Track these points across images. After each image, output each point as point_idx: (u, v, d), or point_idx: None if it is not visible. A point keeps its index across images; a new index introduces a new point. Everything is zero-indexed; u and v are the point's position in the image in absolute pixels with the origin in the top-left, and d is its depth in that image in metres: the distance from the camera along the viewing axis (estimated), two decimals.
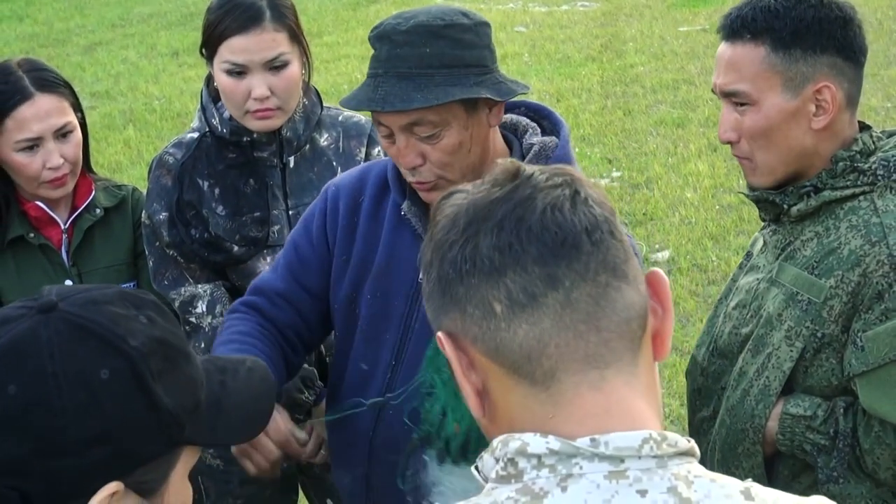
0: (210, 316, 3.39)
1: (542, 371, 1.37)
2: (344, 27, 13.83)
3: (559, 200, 1.39)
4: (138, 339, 1.54)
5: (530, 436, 1.36)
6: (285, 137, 3.38)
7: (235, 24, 3.24)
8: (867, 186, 2.58)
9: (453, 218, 1.43)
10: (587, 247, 1.37)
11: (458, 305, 1.41)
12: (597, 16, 13.94)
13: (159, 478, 1.58)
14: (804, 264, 2.61)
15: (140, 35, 14.51)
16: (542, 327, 1.36)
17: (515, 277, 1.36)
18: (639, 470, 1.34)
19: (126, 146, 10.02)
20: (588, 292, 1.37)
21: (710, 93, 10.14)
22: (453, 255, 1.40)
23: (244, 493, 3.57)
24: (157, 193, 3.40)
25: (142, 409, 1.53)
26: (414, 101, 2.54)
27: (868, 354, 2.51)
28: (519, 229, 1.37)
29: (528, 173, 1.42)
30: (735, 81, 2.60)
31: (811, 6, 2.57)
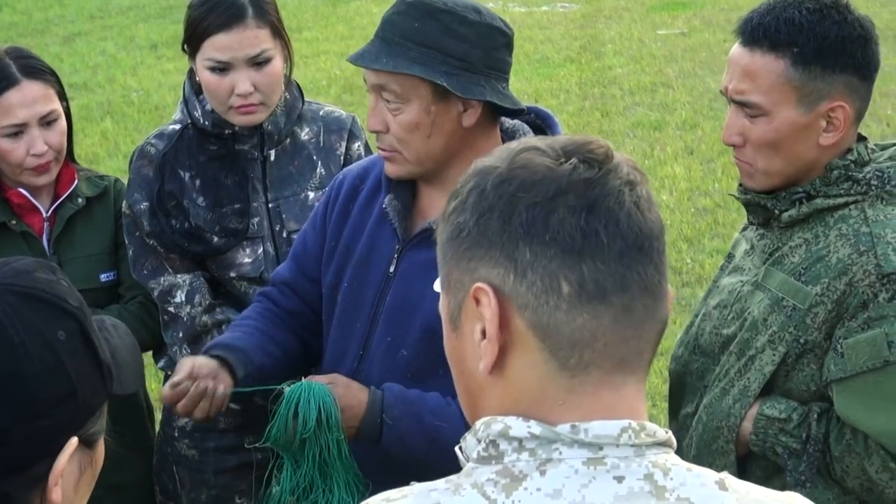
0: (189, 305, 3.41)
1: (578, 360, 1.39)
2: (323, 23, 13.83)
3: (641, 200, 1.40)
4: (73, 299, 1.61)
5: (513, 419, 1.39)
6: (266, 131, 3.40)
7: (218, 22, 3.26)
8: (860, 196, 2.58)
9: (539, 179, 1.39)
10: (654, 256, 1.40)
11: (516, 266, 1.38)
12: (576, 17, 13.98)
13: (100, 429, 1.64)
14: (791, 270, 2.61)
15: (119, 27, 14.46)
16: (601, 323, 1.38)
17: (593, 266, 1.37)
18: (616, 457, 1.37)
19: (103, 138, 10.01)
20: (645, 303, 1.40)
21: (687, 95, 10.24)
22: (530, 217, 1.38)
23: (218, 484, 3.58)
24: (138, 183, 3.42)
25: (91, 364, 1.59)
26: (377, 63, 2.66)
27: (847, 361, 2.52)
28: (608, 220, 1.37)
29: (616, 162, 1.41)
30: (749, 91, 2.57)
31: (835, 23, 2.54)
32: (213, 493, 3.59)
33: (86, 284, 3.48)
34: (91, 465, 1.65)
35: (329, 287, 2.94)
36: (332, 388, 2.72)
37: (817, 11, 2.54)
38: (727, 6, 13.52)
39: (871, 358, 2.50)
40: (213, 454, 3.57)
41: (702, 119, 9.74)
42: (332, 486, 2.75)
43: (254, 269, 3.42)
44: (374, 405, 2.73)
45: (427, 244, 2.75)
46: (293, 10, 14.28)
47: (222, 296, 3.49)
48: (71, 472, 1.60)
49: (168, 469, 3.62)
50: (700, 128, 9.54)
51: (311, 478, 2.74)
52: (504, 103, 2.71)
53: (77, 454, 1.59)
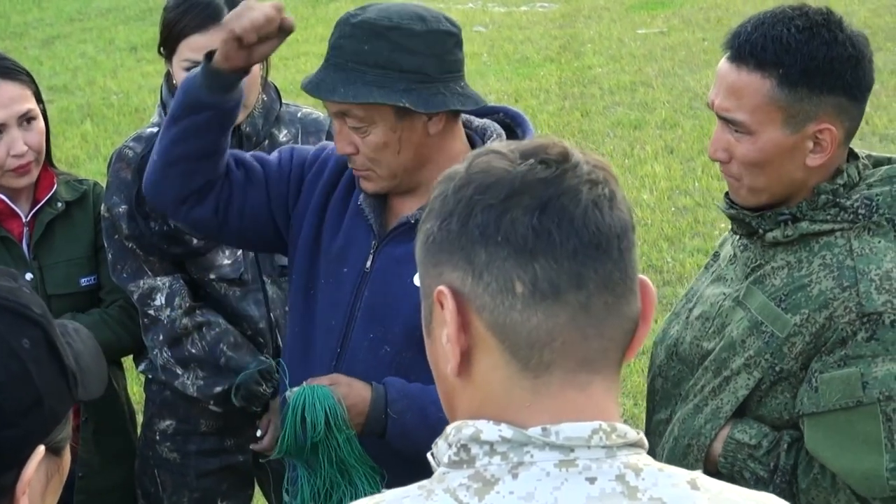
0: (169, 308, 3.41)
1: (539, 361, 1.39)
2: (303, 24, 13.81)
3: (601, 199, 1.40)
4: (37, 306, 1.59)
5: (483, 423, 1.39)
6: (244, 133, 3.41)
7: (194, 23, 3.27)
8: (846, 224, 2.52)
9: (494, 180, 1.40)
10: (615, 254, 1.39)
11: (473, 268, 1.40)
12: (556, 17, 13.98)
13: (66, 436, 1.62)
14: (772, 293, 2.56)
15: (98, 29, 14.42)
16: (556, 322, 1.38)
17: (546, 265, 1.37)
18: (588, 459, 1.37)
19: (83, 141, 9.98)
20: (605, 300, 1.39)
21: (667, 95, 10.26)
22: (485, 219, 1.39)
23: (200, 487, 3.59)
24: (116, 186, 3.42)
25: (56, 371, 1.58)
26: (335, 94, 2.65)
27: (820, 397, 2.49)
28: (562, 218, 1.37)
29: (574, 161, 1.42)
30: (734, 109, 2.50)
31: (824, 43, 2.45)
32: (196, 496, 3.60)
33: (66, 289, 3.49)
34: (58, 472, 1.63)
35: (304, 280, 2.91)
36: (336, 387, 2.71)
37: (806, 30, 2.46)
38: (706, 5, 13.55)
39: (845, 396, 2.47)
40: (194, 457, 3.57)
41: (682, 118, 9.76)
42: (352, 481, 2.75)
43: (233, 270, 3.43)
44: (378, 400, 2.73)
45: (404, 239, 2.76)
46: None
47: (202, 298, 3.49)
48: (38, 481, 1.58)
49: (150, 473, 3.62)
50: (680, 127, 9.56)
51: (330, 479, 2.74)
52: (467, 107, 2.72)
53: (44, 462, 1.57)
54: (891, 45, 11.15)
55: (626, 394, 5.84)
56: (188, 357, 3.43)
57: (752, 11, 9.55)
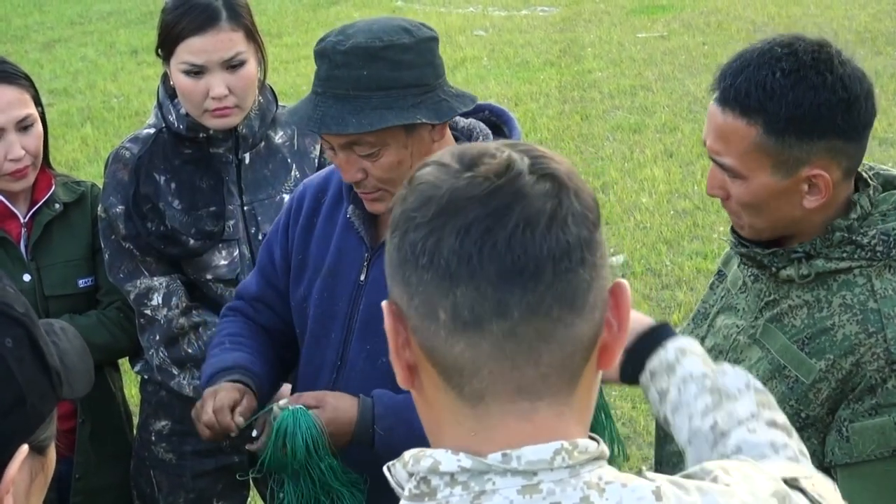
0: (165, 308, 3.42)
1: (471, 389, 1.33)
2: (304, 28, 13.82)
3: (536, 217, 1.30)
4: (20, 305, 1.58)
5: (441, 452, 1.35)
6: (241, 134, 3.42)
7: (193, 25, 3.27)
8: (864, 262, 2.42)
9: (428, 196, 1.34)
10: (548, 277, 1.30)
11: (407, 289, 1.34)
12: (556, 21, 13.99)
13: (50, 434, 1.62)
14: (793, 336, 2.47)
15: (99, 33, 14.44)
16: (480, 351, 1.31)
17: (467, 293, 1.29)
18: (552, 482, 1.32)
19: (84, 144, 9.99)
20: (536, 327, 1.31)
21: (666, 98, 10.28)
22: (414, 238, 1.33)
23: (196, 487, 3.60)
24: (113, 187, 3.43)
25: (39, 370, 1.57)
26: (348, 126, 2.58)
27: (853, 447, 2.40)
28: (484, 242, 1.29)
29: (515, 172, 1.33)
30: (722, 154, 2.40)
31: (811, 88, 2.32)
32: (191, 497, 3.60)
33: (64, 290, 3.49)
34: (42, 471, 1.63)
35: (299, 300, 2.93)
36: (320, 412, 2.69)
37: (793, 73, 2.34)
38: (707, 9, 13.56)
39: (880, 446, 2.38)
40: (190, 458, 3.58)
41: (681, 122, 9.77)
42: (335, 497, 2.75)
43: (230, 271, 3.44)
44: (365, 416, 2.72)
45: None
46: (273, 15, 14.28)
47: (198, 298, 3.50)
48: (22, 480, 1.57)
49: (146, 473, 3.63)
50: (679, 130, 9.57)
51: (314, 494, 2.74)
52: (468, 107, 2.71)
53: (28, 461, 1.57)
54: (890, 49, 11.14)
55: (623, 397, 5.84)
56: (184, 357, 3.45)
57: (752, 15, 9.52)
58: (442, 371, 1.34)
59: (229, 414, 2.77)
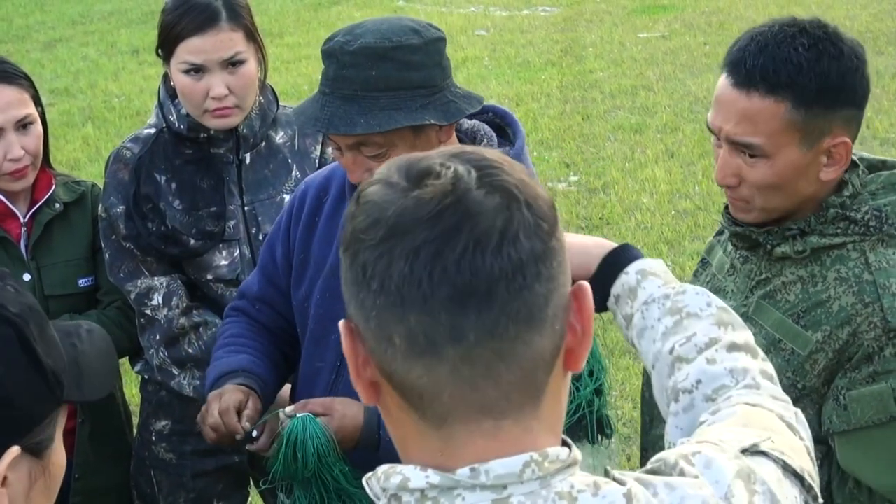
0: (166, 308, 3.42)
1: (433, 412, 1.31)
2: (305, 28, 13.82)
3: (485, 236, 1.26)
4: (15, 306, 1.58)
5: (410, 469, 1.33)
6: (242, 134, 3.42)
7: (192, 25, 3.27)
8: (857, 237, 2.49)
9: (375, 218, 1.30)
10: (502, 297, 1.27)
11: (362, 311, 1.31)
12: (557, 21, 13.99)
13: (49, 437, 1.62)
14: (788, 310, 2.53)
15: (100, 32, 14.44)
16: (437, 375, 1.28)
17: (420, 318, 1.26)
18: (522, 495, 1.30)
19: (85, 143, 9.99)
20: (493, 348, 1.28)
21: (668, 99, 10.27)
22: (365, 260, 1.29)
23: (196, 487, 3.60)
24: (114, 187, 3.43)
25: (30, 371, 1.57)
26: (357, 126, 2.56)
27: (851, 414, 2.45)
28: (434, 266, 1.25)
29: (463, 188, 1.29)
30: (749, 134, 2.43)
31: (833, 58, 2.41)
32: (192, 497, 3.60)
33: (64, 290, 3.49)
34: (44, 475, 1.63)
35: (301, 300, 2.92)
36: (328, 420, 2.69)
37: (813, 47, 2.41)
38: (708, 9, 13.56)
39: (877, 413, 2.43)
40: (190, 457, 3.58)
41: (682, 122, 9.76)
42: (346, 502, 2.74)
43: (230, 271, 3.44)
44: (371, 422, 2.72)
45: None
46: (275, 15, 14.28)
47: (199, 298, 3.50)
48: (19, 481, 1.58)
49: (146, 473, 3.63)
50: (681, 131, 9.56)
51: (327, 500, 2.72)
52: (475, 108, 2.69)
53: (25, 463, 1.57)
54: (892, 49, 11.13)
55: (625, 397, 5.84)
56: (185, 357, 3.45)
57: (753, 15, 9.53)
58: (402, 394, 1.32)
59: (235, 416, 2.76)
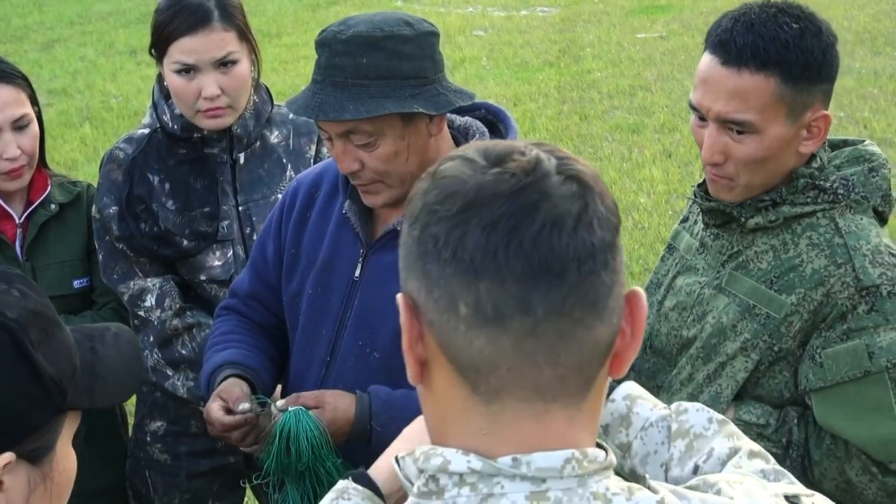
0: (159, 309, 3.42)
1: (487, 387, 1.33)
2: (303, 28, 13.83)
3: (562, 218, 1.30)
4: (14, 311, 1.57)
5: (452, 452, 1.35)
6: (235, 134, 3.41)
7: (184, 25, 3.27)
8: (826, 205, 2.59)
9: (453, 190, 1.33)
10: (573, 278, 1.29)
11: (426, 282, 1.33)
12: (555, 21, 14.00)
13: (47, 444, 1.61)
14: (761, 277, 2.61)
15: (98, 33, 14.45)
16: (500, 347, 1.30)
17: (491, 287, 1.29)
18: (560, 490, 1.32)
19: (82, 144, 9.99)
20: (557, 326, 1.30)
21: (665, 99, 10.27)
22: (437, 231, 1.32)
23: (192, 488, 3.60)
24: (107, 188, 3.43)
25: (26, 378, 1.56)
26: (346, 112, 2.59)
27: (826, 371, 2.53)
28: (510, 239, 1.29)
29: (542, 172, 1.32)
30: (741, 111, 2.51)
31: (814, 35, 2.52)
32: (187, 498, 3.60)
33: (59, 291, 3.48)
34: (45, 482, 1.62)
35: (291, 295, 2.93)
36: (320, 413, 2.69)
37: (797, 25, 2.52)
38: (706, 9, 13.56)
39: (852, 368, 2.51)
40: (185, 458, 3.58)
41: (680, 122, 9.76)
42: None
43: (224, 271, 3.43)
44: (363, 414, 2.73)
45: (391, 246, 2.76)
46: (273, 15, 14.28)
47: (192, 299, 3.50)
48: (17, 487, 1.58)
49: (141, 474, 3.63)
50: (678, 131, 9.57)
51: (320, 494, 2.72)
52: (465, 102, 2.72)
53: (23, 469, 1.57)
54: (890, 49, 11.14)
55: None
56: (178, 358, 3.45)
57: None
58: (458, 367, 1.34)
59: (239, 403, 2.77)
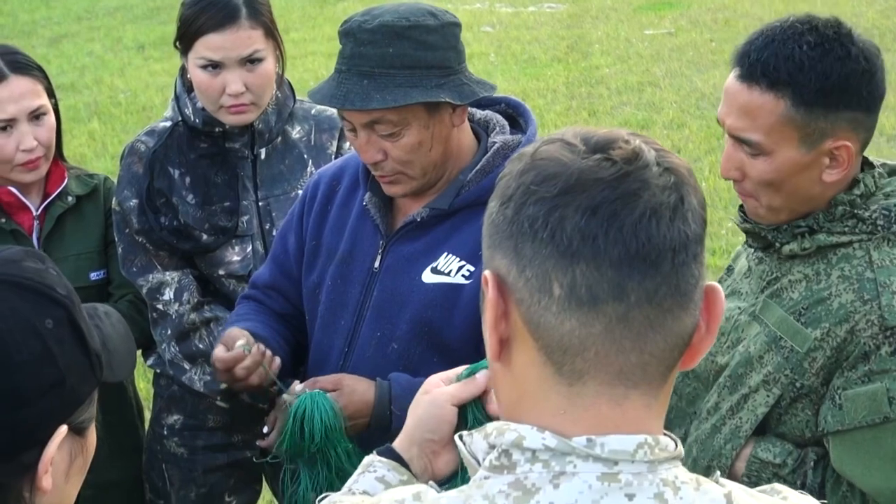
0: (177, 303, 3.42)
1: (571, 368, 1.35)
2: (311, 24, 13.84)
3: (661, 208, 1.33)
4: (62, 288, 1.61)
5: (527, 429, 1.36)
6: (257, 129, 3.41)
7: (212, 22, 3.27)
8: (864, 235, 2.47)
9: (553, 172, 1.35)
10: (666, 268, 1.33)
11: (518, 260, 1.35)
12: (563, 17, 13.99)
13: (89, 416, 1.64)
14: (791, 307, 2.52)
15: (106, 28, 14.45)
16: (591, 331, 1.33)
17: (587, 271, 1.31)
18: (630, 474, 1.34)
19: (91, 139, 10.01)
20: (647, 314, 1.33)
21: (674, 95, 10.27)
22: (535, 212, 1.34)
23: (208, 482, 3.60)
24: (127, 180, 3.43)
25: (79, 352, 1.60)
26: (373, 102, 2.60)
27: (845, 414, 2.44)
28: (610, 224, 1.31)
29: (643, 162, 1.35)
30: (748, 129, 2.43)
31: (838, 59, 2.37)
32: (203, 491, 3.60)
33: (75, 283, 3.42)
34: (82, 453, 1.66)
35: (311, 287, 2.95)
36: (337, 396, 2.71)
37: (818, 46, 2.39)
38: (714, 6, 13.56)
39: (871, 413, 2.42)
40: (202, 452, 3.58)
41: (689, 118, 9.76)
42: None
43: (242, 266, 3.43)
44: (383, 398, 2.74)
45: (410, 237, 2.79)
46: (280, 10, 14.24)
47: (211, 293, 3.50)
48: (61, 460, 1.61)
49: (157, 467, 3.63)
50: (687, 127, 9.56)
51: (329, 480, 2.73)
52: (488, 92, 2.74)
53: (67, 442, 1.60)
54: None
55: None
56: (196, 352, 3.45)
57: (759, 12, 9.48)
58: (544, 346, 1.36)
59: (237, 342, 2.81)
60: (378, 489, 1.84)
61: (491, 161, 2.77)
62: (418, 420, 1.99)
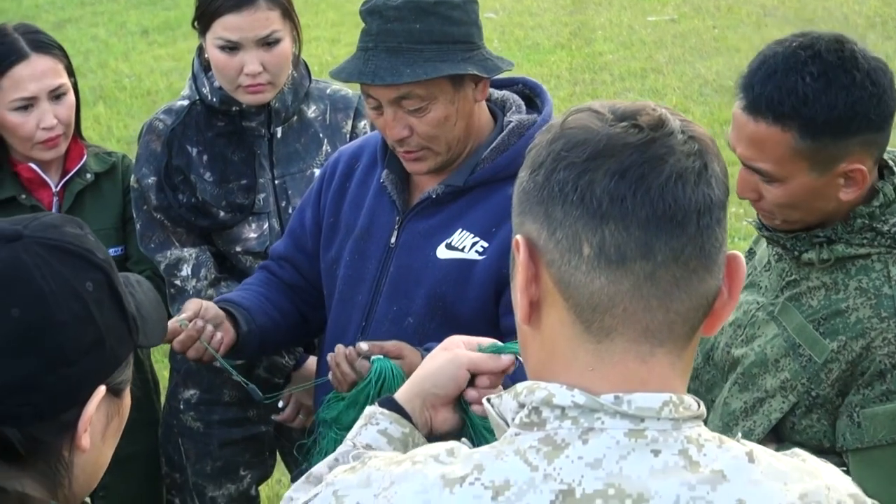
0: (195, 279, 3.47)
1: (600, 325, 1.40)
2: (314, 10, 13.82)
3: (686, 172, 1.38)
4: (101, 252, 1.67)
5: (556, 387, 1.41)
6: (274, 108, 3.45)
7: (230, 3, 3.30)
8: (883, 248, 2.46)
9: (582, 139, 1.40)
10: (692, 229, 1.38)
11: (549, 223, 1.41)
12: (566, 3, 13.98)
13: (126, 378, 1.69)
14: (810, 315, 2.52)
15: (110, 13, 14.43)
16: (619, 289, 1.38)
17: (615, 231, 1.37)
18: (656, 430, 1.39)
19: (96, 123, 10.02)
20: (674, 273, 1.38)
21: (677, 81, 10.30)
22: (565, 177, 1.39)
23: (223, 456, 3.64)
24: (146, 158, 3.48)
25: (118, 315, 1.65)
26: (403, 76, 2.65)
27: (864, 432, 2.46)
28: (638, 186, 1.37)
29: (668, 129, 1.40)
30: (757, 160, 2.41)
31: (843, 88, 2.34)
32: (219, 465, 3.65)
33: None
34: (118, 415, 1.71)
35: (329, 263, 3.01)
36: (402, 364, 2.70)
37: (822, 76, 2.35)
38: None
39: (891, 432, 2.44)
40: (217, 427, 3.62)
41: (692, 105, 9.79)
42: None
43: (259, 244, 3.47)
44: None
45: (427, 214, 2.83)
46: None
47: (228, 270, 3.55)
48: (98, 420, 1.65)
49: (174, 441, 3.67)
50: (690, 113, 9.58)
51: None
52: (507, 68, 2.79)
53: (105, 403, 1.64)
54: None
55: None
56: None
57: None
58: (574, 305, 1.40)
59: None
60: (381, 442, 1.90)
61: (506, 139, 2.82)
62: (430, 373, 2.03)
